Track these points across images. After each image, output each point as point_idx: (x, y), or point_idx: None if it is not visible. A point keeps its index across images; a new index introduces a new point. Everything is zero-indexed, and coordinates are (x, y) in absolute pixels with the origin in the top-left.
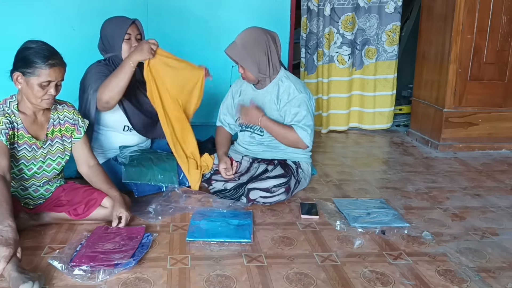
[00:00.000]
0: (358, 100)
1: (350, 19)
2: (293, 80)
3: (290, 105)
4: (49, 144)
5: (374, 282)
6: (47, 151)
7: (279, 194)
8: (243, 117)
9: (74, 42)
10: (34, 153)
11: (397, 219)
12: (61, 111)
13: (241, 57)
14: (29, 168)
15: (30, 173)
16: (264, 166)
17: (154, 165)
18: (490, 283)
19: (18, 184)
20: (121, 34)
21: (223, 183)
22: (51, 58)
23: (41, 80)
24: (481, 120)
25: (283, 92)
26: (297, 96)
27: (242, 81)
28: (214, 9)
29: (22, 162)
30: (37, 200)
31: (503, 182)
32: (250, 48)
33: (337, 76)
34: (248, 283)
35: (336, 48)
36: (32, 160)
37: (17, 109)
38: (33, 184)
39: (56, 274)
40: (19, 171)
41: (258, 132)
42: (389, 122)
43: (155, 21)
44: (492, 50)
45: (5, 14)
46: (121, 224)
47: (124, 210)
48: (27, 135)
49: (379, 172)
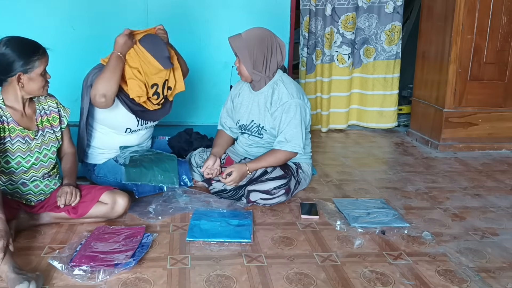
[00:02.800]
0: (357, 98)
1: (350, 19)
2: (287, 84)
3: (281, 110)
4: (41, 134)
5: (374, 282)
6: (40, 142)
7: (279, 196)
8: (234, 184)
9: (74, 42)
10: (29, 145)
11: (397, 219)
12: (44, 101)
13: (240, 48)
14: (26, 160)
15: (28, 165)
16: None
17: (154, 165)
18: (490, 283)
19: (19, 178)
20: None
21: (223, 184)
22: (39, 47)
23: (42, 69)
24: (481, 120)
25: (276, 97)
26: (288, 101)
27: (241, 83)
28: (214, 9)
29: (19, 155)
30: (38, 196)
31: (503, 182)
32: (251, 43)
33: (337, 75)
34: (248, 283)
35: (336, 47)
36: (28, 152)
37: (4, 103)
38: (33, 176)
39: (56, 274)
40: (17, 164)
41: (256, 135)
42: (392, 121)
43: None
44: (492, 50)
45: (5, 14)
46: (60, 202)
47: (66, 191)
48: (18, 127)
49: (379, 172)
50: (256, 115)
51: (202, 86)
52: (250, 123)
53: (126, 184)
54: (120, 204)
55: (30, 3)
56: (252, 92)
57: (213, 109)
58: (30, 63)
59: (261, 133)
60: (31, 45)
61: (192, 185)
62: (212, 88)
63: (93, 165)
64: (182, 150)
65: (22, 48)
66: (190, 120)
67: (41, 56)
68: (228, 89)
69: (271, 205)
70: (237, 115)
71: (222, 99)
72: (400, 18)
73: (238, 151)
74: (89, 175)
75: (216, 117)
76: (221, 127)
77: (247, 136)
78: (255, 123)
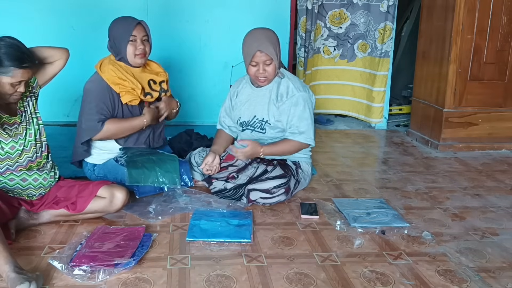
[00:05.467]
0: (343, 89)
1: (338, 15)
2: (292, 78)
3: (289, 103)
4: (24, 116)
5: (374, 282)
6: (25, 124)
7: (279, 195)
8: (242, 157)
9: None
10: (16, 130)
11: (397, 219)
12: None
13: (272, 53)
14: (18, 143)
15: (20, 148)
16: (263, 167)
17: (156, 166)
18: (490, 283)
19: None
20: (126, 36)
21: (223, 183)
22: (26, 61)
23: (14, 80)
24: (481, 120)
25: (282, 91)
26: (296, 94)
27: (239, 82)
28: (214, 9)
29: (12, 140)
30: (39, 190)
31: (503, 182)
32: (275, 44)
33: (322, 66)
34: (248, 283)
35: (323, 40)
36: (18, 136)
37: None
38: (27, 158)
39: (56, 274)
40: (11, 149)
41: (259, 130)
42: (379, 118)
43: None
44: (492, 50)
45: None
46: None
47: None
48: (4, 115)
49: (379, 172)
50: (259, 110)
51: (202, 86)
52: (252, 119)
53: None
54: (118, 198)
55: (30, 3)
56: (254, 88)
57: (213, 109)
58: (4, 67)
59: (264, 127)
60: (17, 53)
61: (192, 185)
62: (212, 88)
63: (93, 165)
64: (182, 151)
65: (5, 51)
66: (190, 120)
67: (20, 69)
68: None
69: (271, 204)
70: (237, 113)
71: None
72: (391, 18)
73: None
74: (89, 175)
75: (216, 117)
76: (220, 126)
77: (250, 132)
78: (257, 118)
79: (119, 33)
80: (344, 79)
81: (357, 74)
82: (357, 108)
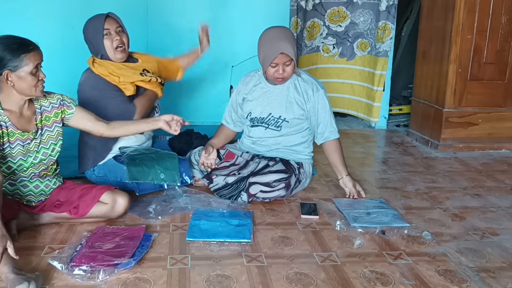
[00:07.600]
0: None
1: (336, 12)
2: (308, 77)
3: (314, 102)
4: (40, 133)
5: (374, 282)
6: (39, 141)
7: (279, 189)
8: (358, 195)
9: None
10: (28, 146)
11: (397, 219)
12: (44, 99)
13: (293, 54)
14: (27, 161)
15: (28, 165)
16: (265, 162)
17: (156, 164)
18: (490, 283)
19: (18, 177)
20: (99, 32)
21: (224, 177)
22: (28, 44)
23: (31, 67)
24: (481, 120)
25: (304, 88)
26: (319, 92)
27: (250, 77)
28: (214, 9)
29: (20, 158)
30: (39, 197)
31: (503, 182)
32: (293, 43)
33: (322, 64)
34: (248, 283)
35: (322, 38)
36: (28, 153)
37: (1, 108)
38: (32, 173)
39: (56, 274)
40: (18, 166)
41: (274, 128)
42: (376, 117)
43: (155, 21)
44: (492, 50)
45: (4, 13)
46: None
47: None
48: (17, 131)
49: (379, 172)
50: (276, 108)
51: (202, 86)
52: (267, 116)
53: (127, 183)
54: (120, 204)
55: (30, 2)
56: (270, 85)
57: (213, 109)
58: (17, 60)
59: (281, 125)
60: (19, 42)
61: (192, 183)
62: (212, 88)
63: None
64: (182, 151)
65: (8, 46)
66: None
67: (30, 53)
68: (228, 89)
69: (270, 199)
70: (248, 107)
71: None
72: (392, 18)
73: (241, 148)
74: (89, 175)
75: (216, 117)
76: (225, 122)
77: (264, 129)
78: (273, 116)
79: (92, 32)
80: (343, 78)
81: (356, 73)
82: (356, 107)
